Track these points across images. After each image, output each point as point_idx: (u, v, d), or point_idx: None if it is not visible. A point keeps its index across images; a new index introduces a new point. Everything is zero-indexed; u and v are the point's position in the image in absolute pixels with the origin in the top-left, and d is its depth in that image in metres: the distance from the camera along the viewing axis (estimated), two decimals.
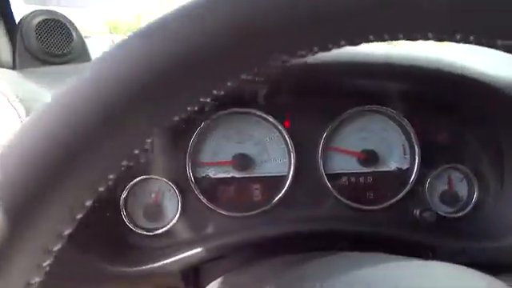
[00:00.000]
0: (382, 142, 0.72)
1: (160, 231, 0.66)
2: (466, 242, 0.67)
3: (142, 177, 0.66)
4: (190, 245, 0.64)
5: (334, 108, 0.70)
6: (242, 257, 0.65)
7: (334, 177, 0.71)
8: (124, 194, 0.65)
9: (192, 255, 0.63)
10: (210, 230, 0.68)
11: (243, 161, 0.69)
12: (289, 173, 0.69)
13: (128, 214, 0.65)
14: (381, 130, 0.72)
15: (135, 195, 0.67)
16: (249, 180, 0.70)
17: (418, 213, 0.69)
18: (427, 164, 0.71)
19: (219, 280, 0.56)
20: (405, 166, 0.72)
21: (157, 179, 0.67)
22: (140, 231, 0.65)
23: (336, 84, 0.70)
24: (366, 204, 0.70)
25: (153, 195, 0.67)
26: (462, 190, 0.73)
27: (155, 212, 0.66)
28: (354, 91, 0.70)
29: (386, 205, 0.70)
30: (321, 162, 0.69)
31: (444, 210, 0.72)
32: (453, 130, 0.71)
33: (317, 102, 0.71)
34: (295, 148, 0.69)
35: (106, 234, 0.63)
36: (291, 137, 0.69)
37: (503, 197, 0.69)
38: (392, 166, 0.72)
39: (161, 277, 0.62)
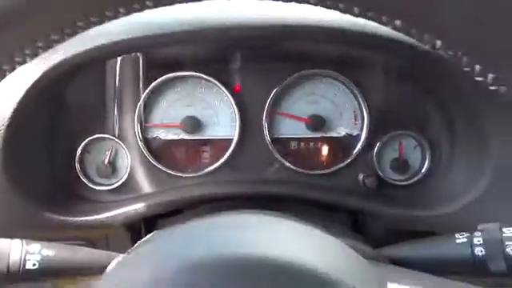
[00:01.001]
0: (333, 107, 0.72)
1: (110, 187, 0.71)
2: (409, 210, 0.66)
3: (96, 135, 0.71)
4: (137, 200, 0.69)
5: (281, 73, 0.70)
6: (196, 214, 0.69)
7: (280, 141, 0.72)
8: (79, 151, 0.70)
9: (137, 210, 0.67)
10: (156, 188, 0.72)
11: (192, 123, 0.71)
12: (234, 136, 0.71)
13: (82, 170, 0.70)
14: (332, 96, 0.72)
15: (90, 152, 0.72)
16: (197, 142, 0.73)
17: (361, 178, 0.69)
18: (377, 130, 0.70)
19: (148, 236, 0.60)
20: (355, 133, 0.71)
21: (110, 138, 0.71)
22: (92, 186, 0.70)
23: (283, 49, 0.70)
24: (312, 169, 0.71)
25: (106, 153, 0.72)
26: (415, 157, 0.71)
27: (107, 169, 0.71)
28: (301, 56, 0.70)
29: (331, 170, 0.71)
30: (266, 127, 0.70)
31: (394, 177, 0.71)
32: (405, 96, 0.69)
33: (265, 67, 0.71)
34: (242, 112, 0.70)
35: (59, 185, 0.68)
36: (239, 101, 0.70)
37: (453, 166, 0.67)
38: (341, 131, 0.72)
39: (107, 227, 0.67)
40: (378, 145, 0.70)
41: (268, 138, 0.70)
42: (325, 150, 0.72)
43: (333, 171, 0.71)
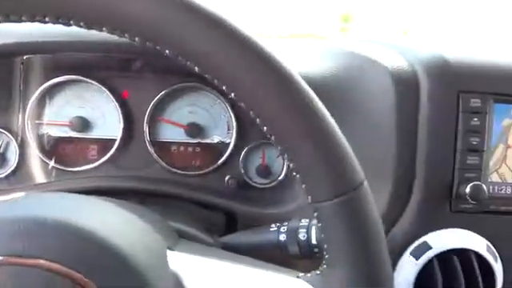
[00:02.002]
0: (209, 117, 0.82)
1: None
2: (263, 209, 0.77)
3: None
4: (23, 190, 0.75)
5: (165, 83, 0.80)
6: None
7: (162, 144, 0.81)
8: None
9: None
10: (44, 180, 0.79)
11: (80, 123, 0.79)
12: (118, 137, 0.79)
13: None
14: (209, 107, 0.82)
15: None
16: (85, 140, 0.80)
17: (226, 180, 0.80)
18: (244, 139, 0.81)
19: None
20: (227, 140, 0.82)
21: (1, 132, 0.78)
22: None
23: (169, 62, 0.79)
24: (188, 170, 0.81)
25: None
26: (278, 165, 0.83)
27: None
28: (184, 69, 0.80)
29: (203, 172, 0.81)
30: (147, 131, 0.79)
31: (258, 180, 0.82)
32: None
33: (152, 77, 0.81)
34: (127, 116, 0.79)
35: None
36: (125, 106, 0.79)
37: None
38: (215, 139, 0.82)
39: None
40: (244, 152, 0.81)
41: (148, 140, 0.79)
42: (200, 154, 0.82)
43: (205, 173, 0.81)
